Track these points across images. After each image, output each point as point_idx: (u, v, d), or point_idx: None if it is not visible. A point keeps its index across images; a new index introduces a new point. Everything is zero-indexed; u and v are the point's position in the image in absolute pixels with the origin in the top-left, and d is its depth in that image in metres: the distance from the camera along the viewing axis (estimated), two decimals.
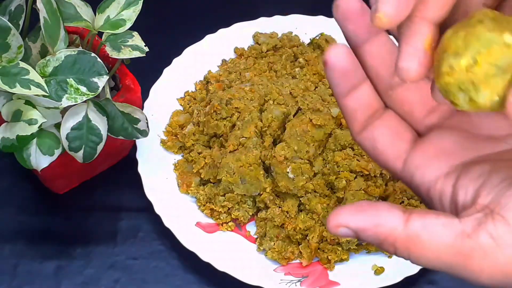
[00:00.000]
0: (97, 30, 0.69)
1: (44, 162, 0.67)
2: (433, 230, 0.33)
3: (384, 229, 0.33)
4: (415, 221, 0.33)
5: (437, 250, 0.33)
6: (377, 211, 0.34)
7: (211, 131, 0.80)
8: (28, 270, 0.76)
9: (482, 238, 0.32)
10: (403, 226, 0.33)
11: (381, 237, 0.34)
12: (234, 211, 0.77)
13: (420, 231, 0.33)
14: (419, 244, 0.33)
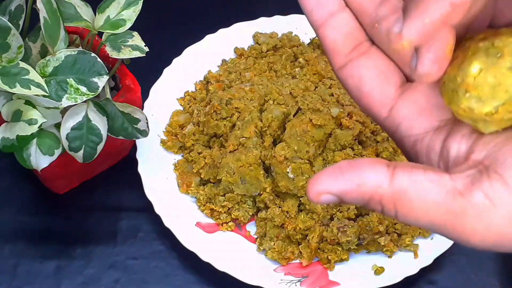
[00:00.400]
0: (97, 30, 0.69)
1: (44, 162, 0.67)
2: (421, 186, 0.31)
3: (368, 188, 0.31)
4: (401, 177, 0.31)
5: (425, 208, 0.31)
6: (358, 170, 0.31)
7: (211, 131, 0.80)
8: (28, 270, 0.76)
9: (476, 197, 0.30)
10: (389, 182, 0.31)
11: (366, 197, 0.31)
12: (234, 211, 0.77)
13: (408, 187, 0.31)
14: (406, 201, 0.31)
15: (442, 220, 0.31)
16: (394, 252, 0.75)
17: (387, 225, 0.75)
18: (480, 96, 0.31)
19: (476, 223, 0.30)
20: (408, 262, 0.75)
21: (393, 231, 0.76)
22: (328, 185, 0.32)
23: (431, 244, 0.75)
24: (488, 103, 0.31)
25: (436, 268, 0.76)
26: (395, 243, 0.75)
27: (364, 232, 0.74)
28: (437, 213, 0.31)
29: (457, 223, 0.31)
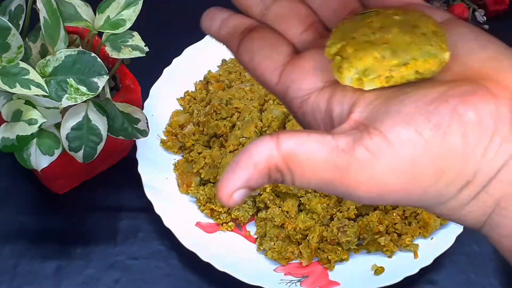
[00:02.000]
0: (97, 30, 0.69)
1: (44, 162, 0.67)
2: (307, 146, 0.33)
3: (263, 163, 0.33)
4: (286, 141, 0.33)
5: (314, 166, 0.33)
6: (248, 153, 0.33)
7: (211, 131, 0.80)
8: (28, 270, 0.76)
9: (358, 152, 0.32)
10: (276, 149, 0.33)
11: (265, 173, 0.33)
12: (234, 211, 0.77)
13: (294, 149, 0.33)
14: (297, 162, 0.33)
15: (330, 176, 0.33)
16: (394, 252, 0.75)
17: (387, 225, 0.75)
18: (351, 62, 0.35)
19: (360, 175, 0.32)
20: (408, 262, 0.74)
21: (393, 231, 0.76)
22: (233, 183, 0.33)
23: (431, 244, 0.75)
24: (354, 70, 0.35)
25: (436, 268, 0.76)
26: (395, 243, 0.75)
27: (364, 232, 0.74)
28: (325, 170, 0.33)
29: (343, 177, 0.33)
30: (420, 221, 0.76)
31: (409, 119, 0.32)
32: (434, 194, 0.33)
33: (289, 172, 0.33)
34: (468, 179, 0.33)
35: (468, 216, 0.34)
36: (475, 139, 0.32)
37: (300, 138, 0.33)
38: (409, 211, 0.76)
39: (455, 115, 0.32)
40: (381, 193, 0.33)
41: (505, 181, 0.33)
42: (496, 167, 0.33)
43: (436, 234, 0.76)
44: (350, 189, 0.33)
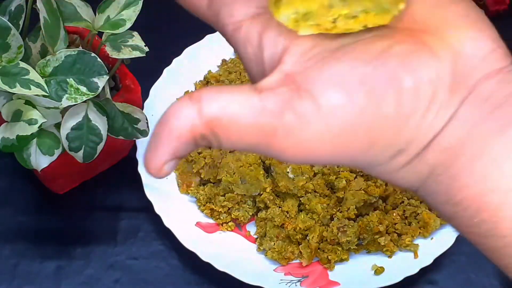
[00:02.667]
0: (97, 30, 0.69)
1: (44, 162, 0.67)
2: (231, 110, 0.31)
3: (186, 133, 0.31)
4: (208, 106, 0.31)
5: (239, 131, 0.31)
6: (168, 127, 0.31)
7: None
8: (28, 270, 0.76)
9: (286, 116, 0.30)
10: (199, 117, 0.31)
11: (191, 141, 0.31)
12: (234, 211, 0.77)
13: (218, 114, 0.31)
14: (221, 127, 0.31)
15: (256, 140, 0.31)
16: (394, 252, 0.75)
17: (387, 225, 0.75)
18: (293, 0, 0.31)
19: (287, 141, 0.31)
20: (408, 262, 0.74)
21: (393, 231, 0.76)
22: (160, 158, 0.32)
23: (431, 244, 0.76)
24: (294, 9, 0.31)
25: (436, 268, 0.76)
26: (395, 243, 0.75)
27: (364, 232, 0.74)
28: (251, 135, 0.31)
29: (269, 141, 0.31)
30: (420, 221, 0.76)
31: (343, 81, 0.30)
32: (364, 160, 0.32)
33: (214, 138, 0.31)
34: (401, 147, 0.31)
35: (402, 180, 0.33)
36: (410, 109, 0.30)
37: (224, 101, 0.31)
38: (409, 211, 0.77)
39: (393, 81, 0.30)
40: (309, 157, 0.31)
41: (439, 150, 0.31)
42: (430, 135, 0.31)
43: (436, 234, 0.76)
44: (276, 152, 0.31)
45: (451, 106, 0.31)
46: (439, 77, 0.31)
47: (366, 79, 0.30)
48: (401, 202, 0.77)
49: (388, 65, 0.30)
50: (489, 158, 0.31)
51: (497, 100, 0.31)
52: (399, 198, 0.77)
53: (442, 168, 0.31)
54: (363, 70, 0.30)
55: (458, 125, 0.31)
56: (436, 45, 0.31)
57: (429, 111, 0.31)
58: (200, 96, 0.31)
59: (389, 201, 0.77)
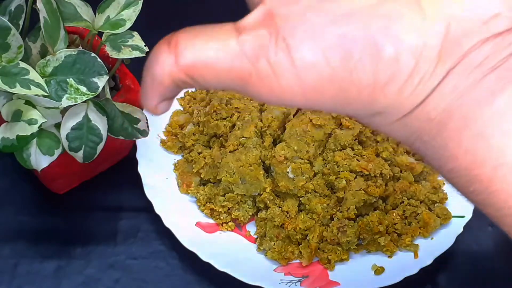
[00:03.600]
0: (97, 30, 0.69)
1: (44, 162, 0.67)
2: (207, 56, 0.31)
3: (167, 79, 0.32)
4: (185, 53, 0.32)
5: (215, 75, 0.31)
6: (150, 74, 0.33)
7: (211, 131, 0.80)
8: (28, 270, 0.76)
9: (260, 63, 0.30)
10: (175, 65, 0.32)
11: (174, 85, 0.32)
12: (234, 211, 0.77)
13: (194, 61, 0.31)
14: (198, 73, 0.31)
15: (232, 82, 0.31)
16: (394, 252, 0.75)
17: (387, 225, 0.75)
18: None
19: (260, 87, 0.31)
20: (408, 262, 0.74)
21: (393, 231, 0.76)
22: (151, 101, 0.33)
23: (431, 244, 0.75)
24: None
25: (436, 268, 0.76)
26: (395, 243, 0.75)
27: (364, 232, 0.74)
28: (227, 79, 0.31)
29: (245, 85, 0.31)
30: (420, 221, 0.76)
31: (321, 37, 0.29)
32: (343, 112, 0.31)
33: (193, 81, 0.32)
34: (379, 110, 0.30)
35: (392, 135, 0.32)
36: (387, 78, 0.29)
37: (200, 47, 0.31)
38: (409, 211, 0.77)
39: (371, 46, 0.29)
40: (283, 102, 0.31)
41: (423, 119, 0.30)
42: (411, 105, 0.30)
43: (436, 234, 0.76)
44: (252, 93, 0.32)
45: (437, 75, 0.30)
46: (425, 45, 0.29)
47: (344, 40, 0.29)
48: (401, 202, 0.77)
49: (370, 27, 0.29)
50: (475, 130, 0.30)
51: (489, 65, 0.29)
52: (399, 198, 0.77)
53: (428, 137, 0.31)
54: (344, 29, 0.29)
55: (443, 95, 0.30)
56: (431, 8, 0.29)
57: (409, 81, 0.29)
58: (177, 41, 0.32)
59: (389, 201, 0.77)
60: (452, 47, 0.29)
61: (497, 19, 0.30)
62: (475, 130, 0.30)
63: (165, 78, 0.32)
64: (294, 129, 0.76)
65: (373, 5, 0.29)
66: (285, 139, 0.77)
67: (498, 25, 0.29)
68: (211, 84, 0.32)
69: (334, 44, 0.29)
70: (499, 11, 0.29)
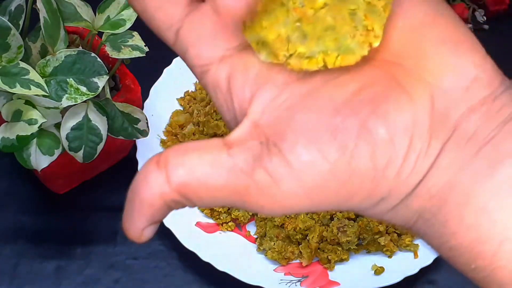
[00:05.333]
0: (97, 30, 0.69)
1: (44, 162, 0.67)
2: (200, 173, 0.29)
3: (157, 201, 0.30)
4: (176, 171, 0.29)
5: (210, 193, 0.30)
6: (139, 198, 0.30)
7: (211, 131, 0.80)
8: (28, 270, 0.76)
9: (258, 175, 0.29)
10: (167, 184, 0.30)
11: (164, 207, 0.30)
12: (234, 211, 0.77)
13: (186, 179, 0.29)
14: (192, 191, 0.30)
15: (229, 199, 0.30)
16: (394, 252, 0.75)
17: (387, 225, 0.75)
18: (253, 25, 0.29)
19: (260, 199, 0.29)
20: (408, 262, 0.74)
21: (393, 231, 0.76)
22: (137, 226, 0.32)
23: None
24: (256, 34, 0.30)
25: (436, 268, 0.76)
26: (395, 243, 0.75)
27: (364, 232, 0.74)
28: (223, 195, 0.30)
29: (244, 200, 0.30)
30: None
31: (312, 136, 0.29)
32: (348, 207, 0.30)
33: (187, 201, 0.30)
34: (383, 196, 0.30)
35: (393, 221, 0.31)
36: (386, 161, 0.29)
37: (191, 164, 0.29)
38: None
39: (364, 132, 0.28)
40: (287, 211, 0.30)
41: (424, 197, 0.29)
42: (413, 184, 0.29)
43: None
44: (253, 208, 0.30)
45: (432, 151, 0.29)
46: (415, 122, 0.29)
47: (336, 132, 0.29)
48: None
49: (359, 114, 0.29)
50: (477, 206, 0.29)
51: (482, 137, 0.29)
52: None
53: (430, 214, 0.30)
54: (333, 121, 0.29)
55: (441, 171, 0.29)
56: (411, 85, 0.29)
57: (407, 160, 0.29)
58: (166, 160, 0.30)
59: None
60: (440, 120, 0.29)
61: (477, 83, 0.29)
62: (477, 205, 0.29)
63: (155, 200, 0.30)
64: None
65: (355, 92, 0.29)
66: None
67: (480, 89, 0.29)
68: (208, 203, 0.30)
69: (327, 139, 0.29)
70: (475, 74, 0.29)
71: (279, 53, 0.29)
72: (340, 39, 0.29)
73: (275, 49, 0.29)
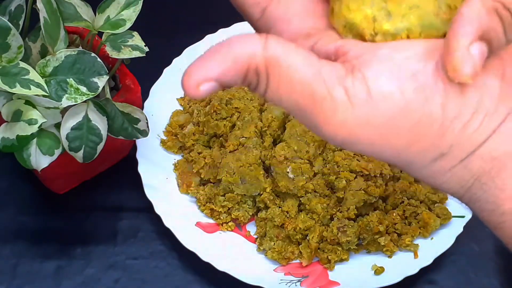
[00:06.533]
0: (97, 30, 0.69)
1: (44, 162, 0.67)
2: (293, 58, 0.30)
3: (244, 59, 0.30)
4: (274, 46, 0.30)
5: (292, 82, 0.30)
6: (231, 45, 0.30)
7: (211, 131, 0.80)
8: (28, 270, 0.76)
9: (337, 91, 0.30)
10: (262, 50, 0.30)
11: (243, 71, 0.30)
12: (234, 211, 0.77)
13: (280, 55, 0.30)
14: (277, 70, 0.30)
15: (303, 102, 0.30)
16: (394, 252, 0.75)
17: (387, 225, 0.75)
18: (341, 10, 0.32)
19: (331, 116, 0.30)
20: (408, 262, 0.74)
21: (393, 231, 0.76)
22: (205, 72, 0.30)
23: (431, 244, 0.75)
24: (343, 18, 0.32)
25: (436, 268, 0.76)
26: (395, 243, 0.75)
27: (364, 232, 0.74)
28: (301, 93, 0.30)
29: (315, 109, 0.30)
30: (420, 221, 0.76)
31: (396, 71, 0.30)
32: (406, 158, 0.31)
33: (265, 79, 0.31)
34: (443, 151, 0.31)
35: (446, 186, 0.32)
36: (455, 112, 0.30)
37: (289, 48, 0.31)
38: (409, 211, 0.76)
39: (441, 81, 0.30)
40: (349, 140, 0.31)
41: (484, 159, 0.31)
42: (476, 143, 0.31)
43: (436, 234, 0.76)
44: (318, 124, 0.31)
45: (498, 116, 0.31)
46: (486, 84, 0.31)
47: (418, 75, 0.30)
48: (401, 202, 0.77)
49: (438, 66, 0.30)
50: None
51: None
52: (399, 198, 0.77)
53: (487, 177, 0.31)
54: (416, 65, 0.30)
55: (504, 136, 0.31)
56: None
57: (474, 118, 0.30)
58: (268, 35, 0.31)
59: (389, 201, 0.77)
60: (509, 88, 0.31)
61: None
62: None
63: (243, 58, 0.30)
64: (294, 129, 0.76)
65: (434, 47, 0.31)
66: (285, 139, 0.77)
67: None
68: (279, 91, 0.31)
69: (408, 78, 0.30)
70: None
71: (365, 33, 0.31)
72: (424, 16, 0.31)
73: (362, 29, 0.32)
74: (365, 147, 0.31)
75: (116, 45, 0.68)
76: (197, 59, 0.31)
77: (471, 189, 0.32)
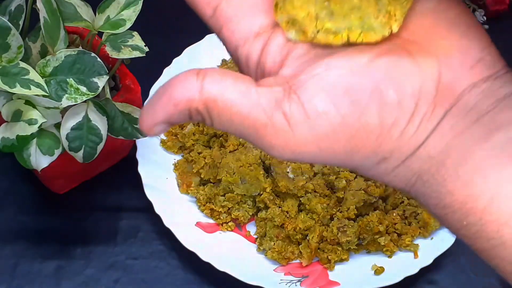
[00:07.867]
0: (97, 30, 0.69)
1: (44, 162, 0.67)
2: (230, 96, 0.32)
3: (183, 104, 0.32)
4: (210, 87, 0.32)
5: (232, 117, 0.32)
6: (170, 92, 0.33)
7: (211, 131, 0.80)
8: (28, 270, 0.76)
9: (276, 116, 0.32)
10: (199, 93, 0.32)
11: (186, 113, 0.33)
12: (234, 211, 0.77)
13: (216, 96, 0.32)
14: (216, 109, 0.32)
15: (244, 131, 0.33)
16: (394, 252, 0.75)
17: (387, 225, 0.75)
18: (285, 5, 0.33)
19: (275, 139, 0.32)
20: (408, 262, 0.75)
21: (393, 231, 0.76)
22: (154, 118, 0.33)
23: (431, 244, 0.76)
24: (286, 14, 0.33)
25: (436, 268, 0.76)
26: (395, 243, 0.75)
27: (364, 232, 0.74)
28: (243, 125, 0.32)
29: (259, 136, 0.32)
30: (420, 221, 0.76)
31: (329, 89, 0.32)
32: (352, 163, 0.33)
33: (208, 117, 0.33)
34: (384, 156, 0.33)
35: (393, 183, 0.34)
36: (392, 121, 0.32)
37: (225, 86, 0.32)
38: (409, 211, 0.77)
39: (376, 93, 0.32)
40: (294, 157, 0.33)
41: (423, 159, 0.32)
42: (413, 146, 0.32)
43: (436, 234, 0.76)
44: (265, 147, 0.33)
45: (434, 118, 0.32)
46: (422, 90, 0.32)
47: (351, 90, 0.32)
48: (401, 202, 0.77)
49: (373, 77, 0.32)
50: (472, 165, 0.32)
51: (482, 108, 0.32)
52: (399, 198, 0.77)
53: (428, 175, 0.33)
54: (349, 80, 0.32)
55: (441, 135, 0.32)
56: (422, 58, 0.32)
57: (411, 123, 0.32)
58: (205, 74, 0.33)
59: (389, 201, 0.77)
60: (445, 91, 0.32)
61: (482, 63, 0.33)
62: (472, 164, 0.32)
63: (182, 102, 0.32)
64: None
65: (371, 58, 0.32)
66: None
67: (483, 69, 0.33)
68: (223, 124, 0.33)
69: (342, 94, 0.32)
70: (481, 56, 0.33)
71: (307, 30, 0.33)
72: (364, 18, 0.32)
73: (304, 26, 0.33)
74: (311, 160, 0.33)
75: (116, 45, 0.68)
76: (147, 103, 0.34)
77: (415, 186, 0.33)
